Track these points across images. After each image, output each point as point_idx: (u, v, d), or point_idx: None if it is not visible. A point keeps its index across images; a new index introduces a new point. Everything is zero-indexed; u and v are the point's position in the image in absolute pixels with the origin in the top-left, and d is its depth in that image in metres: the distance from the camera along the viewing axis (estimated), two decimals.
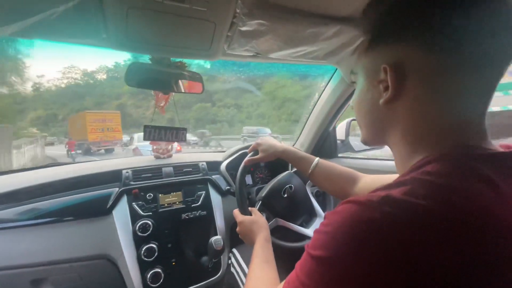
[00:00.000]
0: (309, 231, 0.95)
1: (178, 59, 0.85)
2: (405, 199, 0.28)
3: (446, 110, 0.34)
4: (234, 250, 1.01)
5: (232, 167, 1.19)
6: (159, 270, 0.86)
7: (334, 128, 1.39)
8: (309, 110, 1.41)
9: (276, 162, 1.20)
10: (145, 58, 0.81)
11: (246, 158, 0.88)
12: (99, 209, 0.91)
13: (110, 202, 0.92)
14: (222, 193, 1.11)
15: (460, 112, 0.35)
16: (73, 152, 9.31)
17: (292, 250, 0.86)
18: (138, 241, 0.88)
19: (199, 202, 1.04)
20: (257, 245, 0.67)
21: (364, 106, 0.43)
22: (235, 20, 0.67)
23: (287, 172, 1.00)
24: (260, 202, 0.91)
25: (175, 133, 1.04)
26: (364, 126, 0.45)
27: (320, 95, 1.31)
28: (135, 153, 7.45)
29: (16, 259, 0.80)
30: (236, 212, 0.82)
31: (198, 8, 0.60)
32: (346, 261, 0.28)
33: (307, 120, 1.43)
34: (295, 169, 1.11)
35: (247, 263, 0.95)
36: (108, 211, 0.91)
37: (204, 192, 1.07)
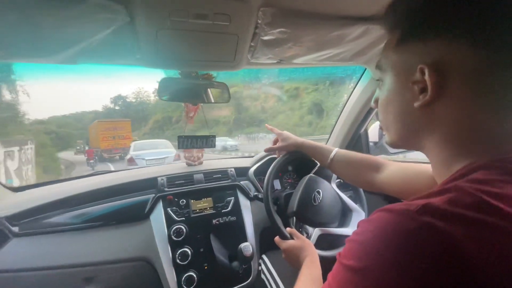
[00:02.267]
0: (349, 230, 0.93)
1: (205, 72, 0.89)
2: (448, 208, 0.26)
3: (495, 113, 0.31)
4: (264, 257, 1.01)
5: (260, 172, 1.19)
6: (193, 274, 0.90)
7: (366, 130, 1.33)
8: (338, 112, 1.36)
9: (304, 166, 1.18)
10: (175, 73, 0.86)
11: (268, 148, 0.96)
12: (138, 214, 0.98)
13: (148, 208, 0.99)
14: (251, 199, 1.13)
15: (505, 118, 0.31)
16: (91, 161, 9.36)
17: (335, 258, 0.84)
18: (173, 245, 0.93)
19: (229, 208, 1.06)
20: (303, 267, 0.66)
21: (394, 108, 0.39)
22: (257, 30, 0.68)
23: (308, 176, 0.97)
24: (295, 217, 0.91)
25: (205, 141, 1.09)
26: (393, 129, 0.41)
27: (349, 96, 1.26)
28: (129, 163, 7.03)
29: (70, 259, 0.90)
30: (278, 240, 0.80)
31: (221, 23, 0.62)
32: (380, 273, 0.26)
33: (336, 122, 1.38)
34: (315, 170, 1.08)
35: (277, 270, 0.95)
36: (146, 216, 0.98)
37: (233, 198, 1.09)
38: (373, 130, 1.28)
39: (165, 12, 0.57)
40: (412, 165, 0.63)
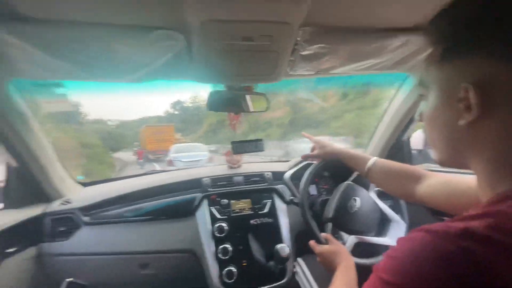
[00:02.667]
0: (387, 240, 0.92)
1: (246, 84, 0.97)
2: (489, 234, 0.26)
3: None
4: (300, 260, 1.05)
5: (296, 177, 1.23)
6: (233, 268, 0.98)
7: (409, 138, 1.27)
8: (379, 118, 1.33)
9: (341, 172, 1.19)
10: (221, 86, 0.95)
11: (305, 154, 1.00)
12: (186, 211, 1.10)
13: (194, 205, 1.10)
14: (287, 203, 1.17)
15: None
16: (140, 160, 10.57)
17: (371, 266, 0.84)
18: (216, 241, 1.03)
19: (266, 210, 1.13)
20: (338, 271, 0.66)
21: (438, 125, 0.39)
22: (296, 47, 0.74)
23: (346, 183, 0.98)
24: (331, 224, 0.93)
25: (255, 145, 1.16)
26: (438, 146, 0.41)
27: (391, 103, 1.23)
28: (168, 164, 8.02)
29: (128, 247, 1.05)
30: (313, 243, 0.82)
31: (264, 43, 0.69)
32: None
33: (376, 129, 1.35)
34: (352, 177, 1.08)
35: (312, 273, 0.98)
36: (192, 213, 1.10)
37: (270, 200, 1.15)
38: (416, 137, 1.23)
39: (217, 37, 0.65)
40: (457, 179, 0.60)
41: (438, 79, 0.38)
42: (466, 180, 0.58)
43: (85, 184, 1.32)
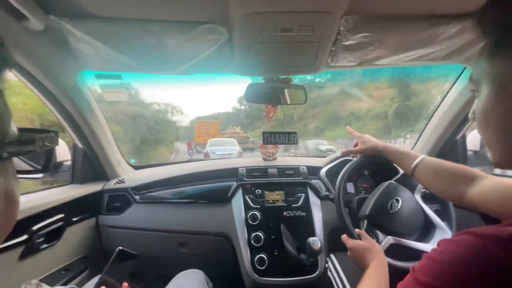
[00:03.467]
0: (429, 247, 0.84)
1: (284, 76, 0.97)
2: None
3: None
4: (332, 256, 1.03)
5: (332, 173, 1.20)
6: (264, 256, 1.01)
7: (464, 137, 1.14)
8: (430, 114, 1.22)
9: (382, 170, 1.12)
10: (259, 78, 0.97)
11: (345, 150, 0.98)
12: (222, 197, 1.16)
13: (230, 193, 1.16)
14: (321, 198, 1.16)
15: None
16: (190, 151, 11.61)
17: (404, 269, 0.79)
18: (249, 228, 1.07)
19: (299, 203, 1.13)
20: (370, 269, 0.65)
21: (494, 122, 0.36)
22: (338, 36, 0.72)
23: (388, 182, 0.92)
24: (366, 221, 0.89)
25: (288, 137, 1.17)
26: (495, 146, 0.38)
27: (444, 98, 1.12)
28: (205, 156, 8.75)
29: (170, 225, 1.15)
30: (345, 237, 0.80)
31: (305, 33, 0.69)
32: None
33: (426, 126, 1.24)
34: (396, 177, 1.01)
35: (344, 270, 0.96)
36: (228, 200, 1.15)
37: (303, 194, 1.15)
38: (473, 137, 1.10)
39: (257, 28, 0.67)
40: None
41: (491, 72, 0.35)
42: None
43: (136, 167, 1.48)
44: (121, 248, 0.83)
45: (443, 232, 0.88)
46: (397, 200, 0.88)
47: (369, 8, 0.63)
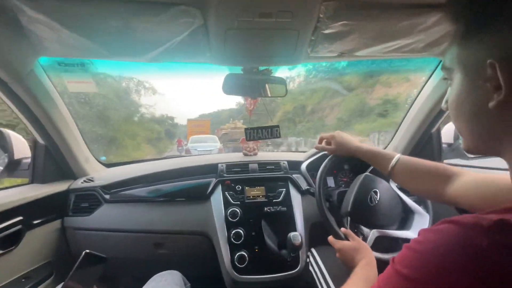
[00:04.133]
0: (410, 233, 0.87)
1: (264, 67, 0.94)
2: None
3: None
4: (313, 250, 1.02)
5: (313, 167, 1.19)
6: (245, 253, 0.98)
7: (439, 130, 1.18)
8: (406, 108, 1.25)
9: (362, 165, 1.13)
10: (238, 69, 0.93)
11: (317, 145, 0.95)
12: (201, 194, 1.11)
13: (209, 189, 1.11)
14: (302, 192, 1.14)
15: None
16: (180, 148, 11.79)
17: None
18: (229, 225, 1.03)
19: (280, 198, 1.11)
20: (358, 267, 0.64)
21: (466, 110, 0.35)
22: (318, 24, 0.69)
23: (364, 175, 0.93)
24: (349, 217, 0.89)
25: (270, 131, 1.14)
26: (467, 133, 0.37)
27: (420, 92, 1.14)
28: (186, 153, 9.06)
29: (145, 225, 1.08)
30: (332, 240, 0.78)
31: (284, 20, 0.66)
32: (435, 286, 0.25)
33: (402, 120, 1.27)
34: (371, 168, 1.01)
35: (326, 264, 0.95)
36: (207, 197, 1.11)
37: (284, 189, 1.13)
38: (447, 130, 1.13)
39: (234, 13, 0.63)
40: (492, 176, 0.55)
41: (462, 59, 0.35)
42: (502, 177, 0.52)
43: (108, 165, 1.38)
44: (87, 251, 0.76)
45: (422, 216, 0.90)
46: (376, 192, 0.88)
47: None
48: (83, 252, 0.75)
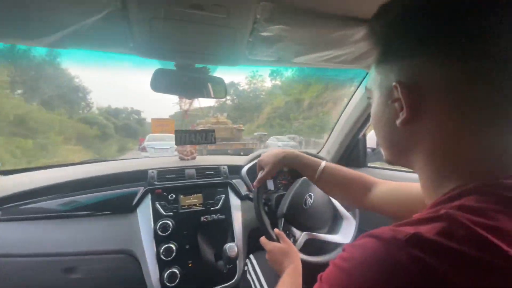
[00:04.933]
0: (338, 238, 0.91)
1: (201, 65, 0.86)
2: (439, 241, 0.24)
3: (476, 132, 0.30)
4: (252, 257, 1.00)
5: (254, 171, 1.17)
6: (176, 271, 0.89)
7: (365, 136, 1.31)
8: (338, 116, 1.34)
9: None
10: (170, 64, 0.83)
11: (256, 181, 0.84)
12: (125, 206, 0.96)
13: (135, 200, 0.97)
14: (242, 198, 1.11)
15: (493, 135, 0.29)
16: (141, 146, 10.79)
17: (319, 264, 0.82)
18: (158, 240, 0.91)
19: (218, 206, 1.04)
20: (285, 274, 0.65)
21: (381, 127, 0.39)
22: (255, 26, 0.66)
23: (302, 179, 0.96)
24: (283, 219, 0.89)
25: (205, 136, 1.06)
26: (385, 147, 0.41)
27: (349, 100, 1.24)
28: (142, 150, 9.01)
29: (51, 248, 0.88)
30: (264, 240, 0.78)
31: (218, 15, 0.60)
32: None
33: (334, 126, 1.36)
34: None
35: (263, 271, 0.94)
36: (133, 209, 0.96)
37: (223, 195, 1.08)
38: (371, 136, 1.26)
39: (159, 0, 0.54)
40: (406, 185, 0.61)
41: (376, 81, 0.39)
42: (415, 185, 0.57)
43: (4, 173, 1.08)
44: None
45: (349, 221, 0.97)
46: (310, 196, 0.92)
47: None
48: None
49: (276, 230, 0.80)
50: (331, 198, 0.99)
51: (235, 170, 1.19)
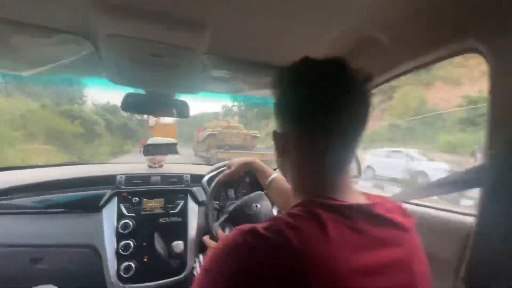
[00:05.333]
0: None
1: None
2: (261, 232, 0.36)
3: (314, 170, 0.46)
4: (201, 256, 1.14)
5: (213, 180, 1.33)
6: (132, 264, 1.02)
7: None
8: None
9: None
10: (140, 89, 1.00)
11: (221, 175, 1.05)
12: (93, 206, 1.10)
13: (102, 202, 1.11)
14: (199, 204, 1.26)
15: (320, 171, 0.46)
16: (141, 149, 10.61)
17: None
18: (119, 237, 1.05)
19: (177, 210, 1.20)
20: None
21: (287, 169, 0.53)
22: (206, 68, 0.84)
23: (258, 192, 1.10)
24: (226, 216, 1.04)
25: (168, 147, 1.22)
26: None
27: None
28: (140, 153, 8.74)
29: (20, 239, 1.00)
30: (206, 239, 0.88)
31: (174, 60, 0.77)
32: (216, 274, 0.36)
33: None
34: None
35: None
36: (99, 209, 1.10)
37: (183, 201, 1.23)
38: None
39: (125, 49, 0.71)
40: None
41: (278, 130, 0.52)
42: None
43: None
44: None
45: None
46: (257, 206, 1.07)
47: (224, 50, 0.77)
48: None
49: (219, 230, 0.95)
50: (274, 212, 1.16)
51: (197, 178, 1.34)
